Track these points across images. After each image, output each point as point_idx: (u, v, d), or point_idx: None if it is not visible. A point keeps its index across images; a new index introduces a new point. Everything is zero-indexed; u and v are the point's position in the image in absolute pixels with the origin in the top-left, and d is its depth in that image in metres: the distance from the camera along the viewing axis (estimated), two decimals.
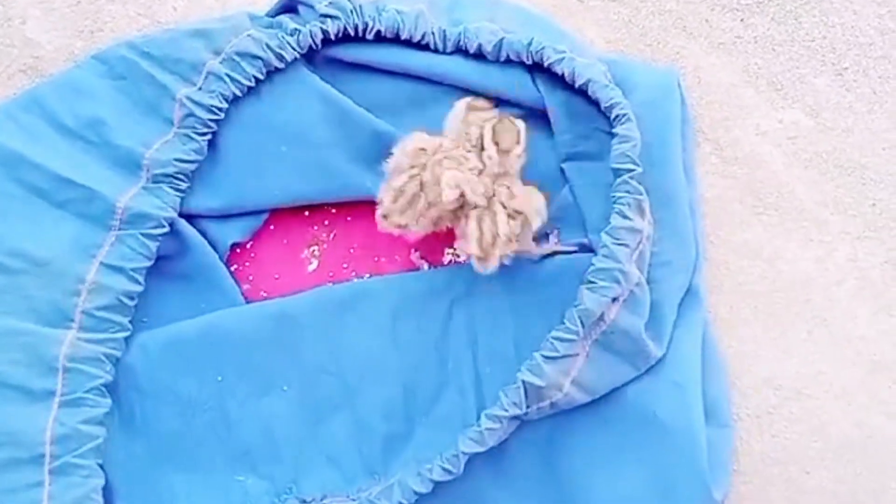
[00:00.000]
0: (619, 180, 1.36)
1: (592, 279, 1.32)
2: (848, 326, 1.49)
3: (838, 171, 1.54)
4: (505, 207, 1.34)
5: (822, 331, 1.49)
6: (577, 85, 1.41)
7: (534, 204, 1.36)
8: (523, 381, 1.31)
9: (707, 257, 1.49)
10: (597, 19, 1.59)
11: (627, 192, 1.35)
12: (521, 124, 1.35)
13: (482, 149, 1.34)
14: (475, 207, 1.34)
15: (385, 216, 1.36)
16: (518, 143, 1.34)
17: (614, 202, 1.35)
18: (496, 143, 1.33)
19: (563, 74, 1.42)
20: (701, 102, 1.56)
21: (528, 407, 1.32)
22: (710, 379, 1.41)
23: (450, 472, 1.32)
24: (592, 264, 1.33)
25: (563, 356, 1.31)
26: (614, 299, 1.32)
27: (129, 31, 1.55)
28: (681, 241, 1.42)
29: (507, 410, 1.32)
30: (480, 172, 1.34)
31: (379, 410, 1.40)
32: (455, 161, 1.33)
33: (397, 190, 1.35)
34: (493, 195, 1.34)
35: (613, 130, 1.38)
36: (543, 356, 1.32)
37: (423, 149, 1.35)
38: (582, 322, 1.31)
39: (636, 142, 1.36)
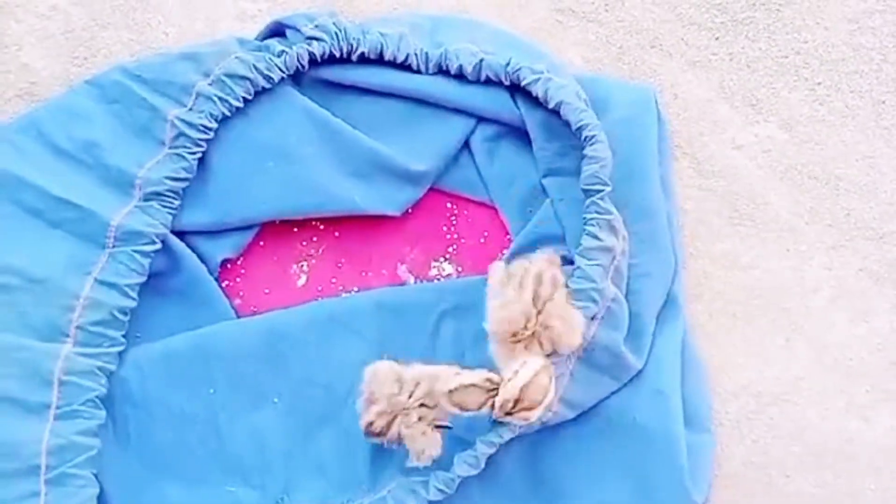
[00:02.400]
0: (588, 201, 1.40)
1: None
2: (825, 333, 1.53)
3: (813, 183, 1.59)
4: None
5: (800, 338, 1.52)
6: (549, 106, 1.46)
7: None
8: None
9: (686, 268, 1.53)
10: (575, 39, 1.64)
11: (598, 212, 1.39)
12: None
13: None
14: None
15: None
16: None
17: (585, 223, 1.39)
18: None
19: (536, 95, 1.46)
20: (678, 118, 1.61)
21: (520, 428, 1.35)
22: (690, 386, 1.44)
23: (444, 492, 1.35)
24: (568, 286, 1.35)
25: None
26: (592, 317, 1.36)
27: (122, 56, 1.60)
28: (659, 252, 1.46)
29: (501, 437, 1.34)
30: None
31: None
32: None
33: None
34: None
35: (584, 152, 1.42)
36: None
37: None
38: None
39: (605, 162, 1.40)
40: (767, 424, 1.49)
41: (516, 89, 1.51)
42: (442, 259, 1.53)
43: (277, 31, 1.53)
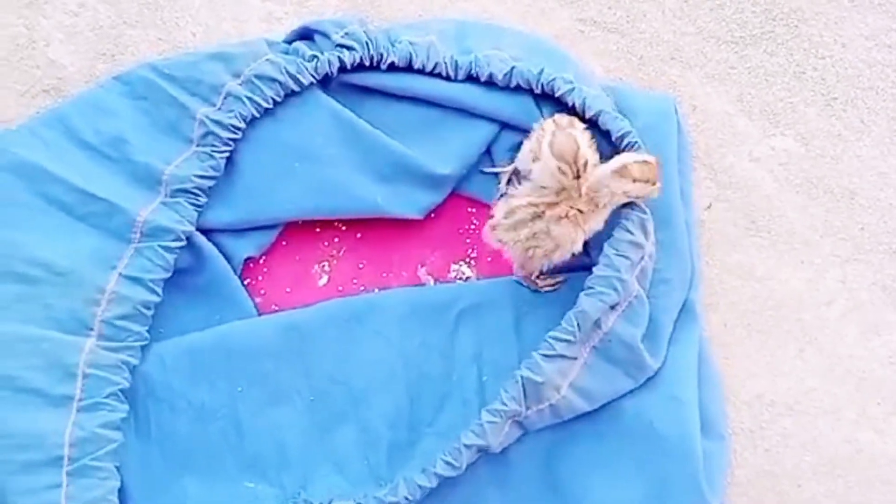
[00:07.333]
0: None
1: (591, 285, 1.38)
2: (837, 345, 1.55)
3: (828, 197, 1.61)
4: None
5: (813, 349, 1.54)
6: (587, 116, 1.47)
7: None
8: (521, 377, 1.36)
9: (702, 277, 1.54)
10: (597, 49, 1.66)
11: (633, 209, 1.41)
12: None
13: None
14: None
15: (493, 228, 1.43)
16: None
17: (620, 218, 1.41)
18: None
19: (572, 105, 1.48)
20: (697, 129, 1.63)
21: (527, 407, 1.37)
22: (705, 393, 1.46)
23: (452, 465, 1.35)
24: (592, 273, 1.39)
25: (560, 356, 1.36)
26: (612, 307, 1.38)
27: (149, 54, 1.61)
28: (678, 259, 1.48)
29: (506, 405, 1.36)
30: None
31: (385, 420, 1.44)
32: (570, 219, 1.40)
33: (511, 209, 1.41)
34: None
35: None
36: (541, 354, 1.37)
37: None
38: (579, 325, 1.36)
39: None
40: (780, 434, 1.51)
41: (541, 97, 1.52)
42: (462, 263, 1.55)
43: (305, 34, 1.55)
